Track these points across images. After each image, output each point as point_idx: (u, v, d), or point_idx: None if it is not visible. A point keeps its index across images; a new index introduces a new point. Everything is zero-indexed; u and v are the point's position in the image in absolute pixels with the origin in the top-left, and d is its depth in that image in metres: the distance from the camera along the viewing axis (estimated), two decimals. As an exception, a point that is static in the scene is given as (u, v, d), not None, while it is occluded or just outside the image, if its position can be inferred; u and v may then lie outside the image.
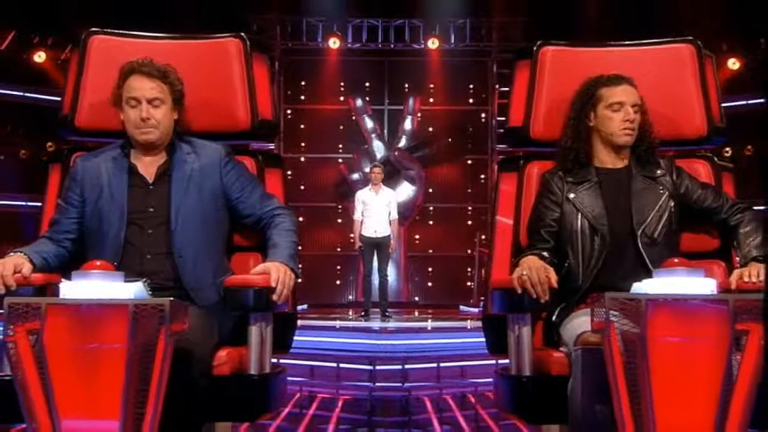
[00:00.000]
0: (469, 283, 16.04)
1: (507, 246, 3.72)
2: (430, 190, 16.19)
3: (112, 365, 2.71)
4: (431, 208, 16.31)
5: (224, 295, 3.30)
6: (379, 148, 16.18)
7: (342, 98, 16.29)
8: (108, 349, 2.72)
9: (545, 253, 3.44)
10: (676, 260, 2.99)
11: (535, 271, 3.22)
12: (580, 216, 3.50)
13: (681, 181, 3.56)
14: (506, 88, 14.53)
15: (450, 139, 16.36)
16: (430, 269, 16.17)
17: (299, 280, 3.44)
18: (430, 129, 16.57)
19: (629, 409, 2.76)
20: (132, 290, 2.86)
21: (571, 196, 3.53)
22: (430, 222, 16.24)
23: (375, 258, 12.43)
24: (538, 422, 3.50)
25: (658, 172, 3.56)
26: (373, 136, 16.32)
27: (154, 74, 3.44)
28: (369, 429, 6.92)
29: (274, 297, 3.25)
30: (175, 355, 2.78)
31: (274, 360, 3.47)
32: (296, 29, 15.48)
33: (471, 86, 16.32)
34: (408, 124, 16.34)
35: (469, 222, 16.26)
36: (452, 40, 15.86)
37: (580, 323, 3.20)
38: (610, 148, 3.56)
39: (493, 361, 10.07)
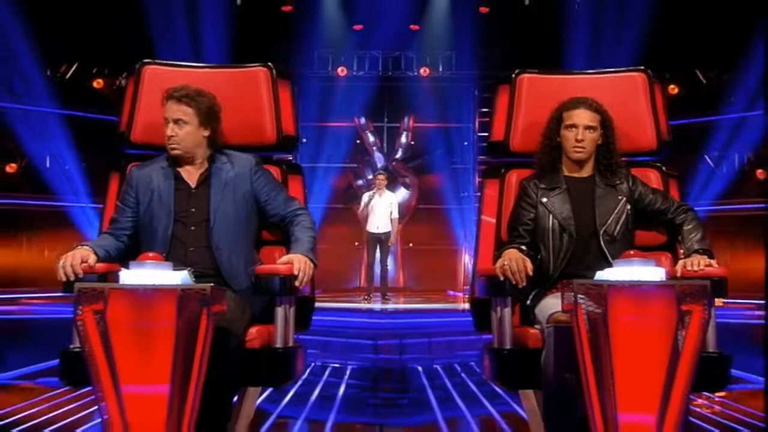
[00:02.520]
0: (454, 271, 15.99)
1: (490, 240, 3.71)
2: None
3: (163, 340, 2.72)
4: (423, 209, 16.26)
5: (255, 282, 3.29)
6: (379, 159, 16.16)
7: (348, 117, 16.23)
8: (159, 326, 2.73)
9: (523, 247, 3.44)
10: (632, 252, 3.00)
11: (515, 262, 3.23)
12: (551, 217, 3.50)
13: (636, 187, 3.56)
14: (486, 109, 14.72)
15: (438, 152, 16.29)
16: (421, 260, 16.12)
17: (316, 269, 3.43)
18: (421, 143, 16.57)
19: (593, 377, 2.77)
20: (179, 277, 2.87)
21: (544, 200, 3.53)
22: (422, 220, 16.18)
23: (377, 250, 12.46)
24: (517, 388, 3.55)
25: (617, 180, 3.56)
26: (375, 148, 16.30)
27: (182, 99, 3.45)
28: (373, 393, 6.92)
29: (297, 283, 3.26)
30: (215, 332, 2.79)
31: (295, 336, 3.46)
32: (310, 60, 15.43)
33: (456, 107, 16.23)
34: (403, 139, 16.32)
35: (454, 221, 16.18)
36: (440, 69, 15.82)
37: (551, 305, 3.21)
38: (572, 162, 3.57)
39: (476, 337, 10.11)
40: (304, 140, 14.49)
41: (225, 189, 3.51)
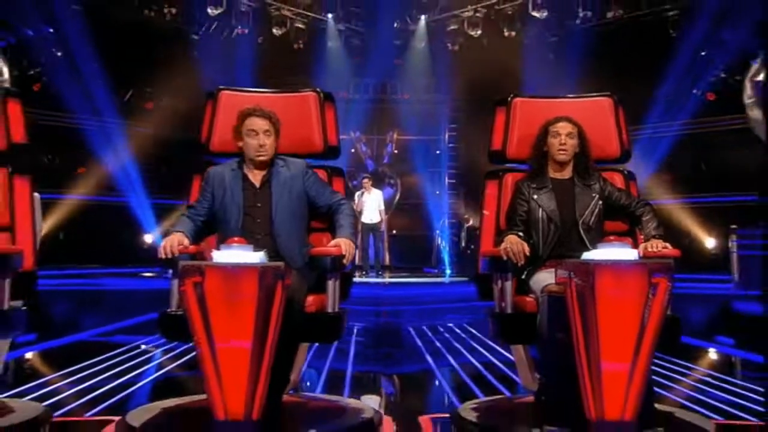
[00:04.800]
0: (429, 252, 16.00)
1: (491, 229, 3.69)
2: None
3: (247, 305, 2.70)
4: (405, 203, 16.26)
5: (309, 261, 3.29)
6: (370, 165, 16.14)
7: (345, 131, 16.19)
8: (244, 295, 2.71)
9: (520, 233, 3.44)
10: (611, 238, 3.00)
11: (514, 245, 3.24)
12: (540, 210, 3.50)
13: (606, 187, 3.57)
14: (454, 125, 14.71)
15: (416, 158, 16.31)
16: (403, 243, 16.13)
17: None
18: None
19: (582, 334, 2.77)
20: (258, 257, 2.86)
21: (535, 197, 3.53)
22: (404, 212, 16.18)
23: (371, 237, 12.50)
24: (515, 343, 3.53)
25: (591, 181, 3.56)
26: (366, 156, 16.28)
27: (265, 116, 3.44)
28: (376, 347, 6.91)
29: (344, 261, 3.26)
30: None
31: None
32: (316, 86, 15.36)
33: (430, 124, 16.24)
34: (389, 149, 16.31)
35: (430, 212, 16.16)
36: (418, 94, 15.87)
37: (543, 279, 3.21)
38: (557, 164, 3.56)
39: (455, 305, 10.16)
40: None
41: (283, 188, 3.49)
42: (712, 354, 6.57)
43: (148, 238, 14.80)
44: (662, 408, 3.44)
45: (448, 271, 14.99)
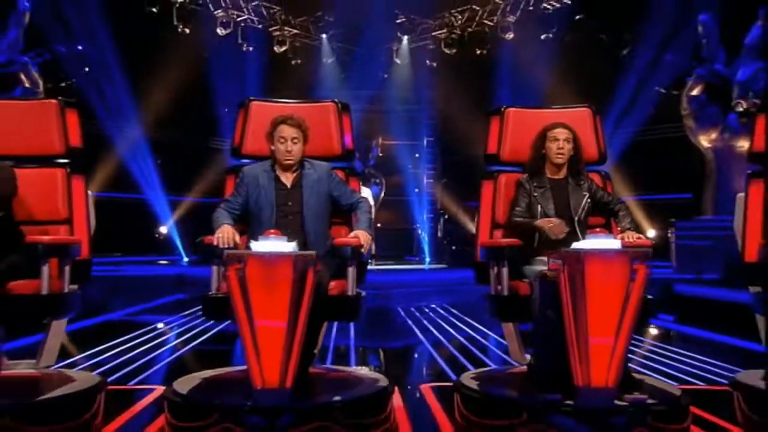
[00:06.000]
0: (411, 243, 15.97)
1: (487, 223, 3.66)
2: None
3: (283, 289, 2.69)
4: (389, 200, 16.22)
5: (331, 250, 3.27)
6: (358, 166, 16.06)
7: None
8: (280, 280, 2.71)
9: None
10: (597, 229, 2.99)
11: (557, 225, 3.29)
12: (539, 206, 3.48)
13: (593, 187, 3.56)
14: (432, 131, 14.69)
15: (399, 161, 16.31)
16: (387, 235, 16.09)
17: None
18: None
19: (572, 313, 2.77)
20: (292, 247, 2.84)
21: (535, 194, 3.50)
22: (389, 208, 16.13)
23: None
24: (509, 321, 3.53)
25: (581, 182, 3.55)
26: (355, 158, 16.20)
27: (295, 125, 3.41)
28: (370, 325, 6.91)
29: (363, 251, 3.25)
30: (313, 283, 2.78)
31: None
32: (312, 97, 15.26)
33: (412, 130, 16.21)
34: (375, 152, 16.23)
35: (411, 208, 16.14)
36: (401, 104, 15.87)
37: (537, 266, 3.21)
38: (554, 166, 3.54)
39: (435, 288, 10.19)
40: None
41: (312, 189, 3.45)
42: (653, 329, 6.67)
43: (163, 230, 14.78)
44: (635, 376, 3.48)
45: (427, 259, 15.00)
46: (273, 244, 2.82)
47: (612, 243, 2.87)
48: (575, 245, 2.91)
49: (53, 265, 3.07)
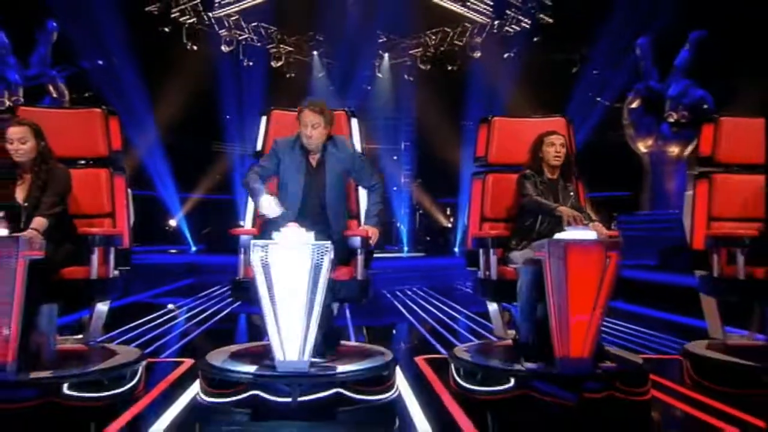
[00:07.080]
0: (390, 233, 15.90)
1: (476, 218, 3.64)
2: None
3: (311, 275, 2.73)
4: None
5: (344, 240, 3.20)
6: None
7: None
8: (300, 266, 2.73)
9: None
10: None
11: (573, 215, 3.18)
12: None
13: (576, 190, 3.49)
14: (409, 137, 14.66)
15: (380, 163, 16.25)
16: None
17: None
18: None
19: (554, 294, 2.81)
20: (310, 236, 2.84)
21: (539, 187, 3.39)
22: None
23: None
24: (498, 302, 3.50)
25: (569, 182, 3.47)
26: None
27: (314, 110, 3.25)
28: (357, 305, 6.83)
29: (370, 242, 3.24)
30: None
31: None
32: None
33: (392, 136, 16.17)
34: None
35: (391, 203, 16.03)
36: (383, 112, 15.81)
37: (522, 254, 3.19)
38: (550, 167, 3.45)
39: (415, 274, 10.18)
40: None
41: (334, 168, 3.30)
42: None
43: (173, 222, 14.63)
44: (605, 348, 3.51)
45: (405, 248, 15.01)
46: (292, 234, 2.80)
47: (589, 234, 2.91)
48: (558, 236, 2.94)
49: (100, 253, 3.03)
